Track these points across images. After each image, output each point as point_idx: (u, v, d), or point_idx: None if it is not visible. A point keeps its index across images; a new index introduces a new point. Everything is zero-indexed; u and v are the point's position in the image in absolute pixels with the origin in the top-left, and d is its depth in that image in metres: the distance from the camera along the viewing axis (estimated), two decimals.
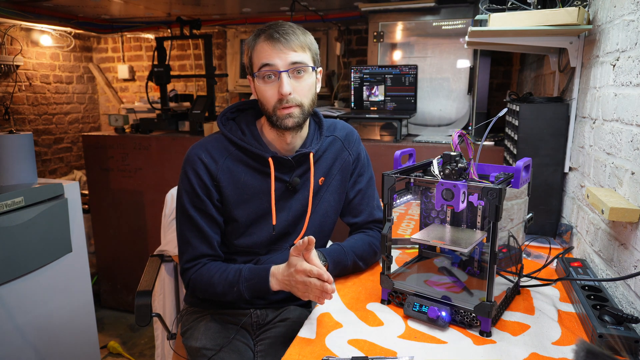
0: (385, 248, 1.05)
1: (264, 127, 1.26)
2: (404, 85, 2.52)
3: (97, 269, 3.08)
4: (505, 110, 1.06)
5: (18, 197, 1.62)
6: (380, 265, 1.11)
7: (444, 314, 0.97)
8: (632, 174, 1.01)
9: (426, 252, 1.25)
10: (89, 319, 2.00)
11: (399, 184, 1.05)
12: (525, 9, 1.40)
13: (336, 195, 1.32)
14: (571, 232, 1.45)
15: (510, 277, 1.09)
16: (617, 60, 1.13)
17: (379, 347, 0.92)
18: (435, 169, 1.00)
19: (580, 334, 0.95)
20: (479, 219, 1.08)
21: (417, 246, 1.27)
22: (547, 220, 1.53)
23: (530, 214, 1.14)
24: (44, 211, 1.71)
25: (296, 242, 1.27)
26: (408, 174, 1.05)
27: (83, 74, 4.16)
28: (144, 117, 2.95)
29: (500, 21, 1.40)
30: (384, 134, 2.44)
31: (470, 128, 2.50)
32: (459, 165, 0.98)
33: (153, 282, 1.44)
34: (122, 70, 4.16)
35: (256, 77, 1.16)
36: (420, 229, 1.20)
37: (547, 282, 1.17)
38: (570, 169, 1.50)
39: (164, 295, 1.66)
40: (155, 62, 2.85)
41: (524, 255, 1.27)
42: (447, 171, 0.97)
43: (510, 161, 1.74)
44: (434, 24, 2.57)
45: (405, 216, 1.67)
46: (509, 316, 1.03)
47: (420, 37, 2.64)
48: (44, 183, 1.78)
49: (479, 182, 0.97)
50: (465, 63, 2.54)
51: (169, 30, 3.66)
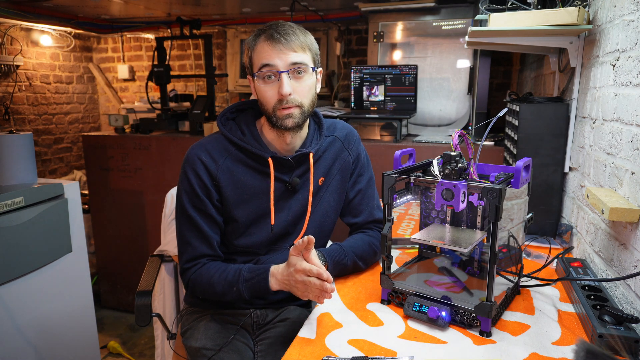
0: (385, 248, 1.05)
1: (263, 127, 1.25)
2: (404, 85, 2.52)
3: (97, 269, 3.08)
4: (505, 110, 1.06)
5: (18, 197, 1.62)
6: (380, 265, 1.11)
7: (444, 314, 0.97)
8: (632, 174, 1.01)
9: (426, 252, 1.25)
10: (89, 319, 2.00)
11: (399, 184, 1.05)
12: (525, 9, 1.40)
13: (336, 195, 1.32)
14: (571, 232, 1.45)
15: (510, 277, 1.09)
16: (617, 60, 1.13)
17: (379, 347, 0.92)
18: (435, 169, 1.00)
19: (580, 334, 0.95)
20: (479, 219, 1.08)
21: (417, 246, 1.27)
22: (547, 220, 1.53)
23: (530, 214, 1.14)
24: (44, 211, 1.71)
25: (296, 242, 1.28)
26: (408, 174, 1.05)
27: (83, 74, 4.16)
28: (144, 117, 2.95)
29: (500, 21, 1.40)
30: (384, 134, 2.44)
31: (470, 128, 2.50)
32: (459, 165, 0.98)
33: (153, 282, 1.44)
34: (122, 70, 4.16)
35: (256, 77, 1.16)
36: (420, 229, 1.20)
37: (547, 282, 1.17)
38: (570, 169, 1.50)
39: (164, 295, 1.66)
40: (155, 62, 2.85)
41: (524, 255, 1.27)
42: (447, 171, 0.97)
43: (510, 161, 1.74)
44: (434, 24, 2.57)
45: (405, 216, 1.67)
46: (509, 316, 1.03)
47: (420, 37, 2.64)
48: (44, 183, 1.78)
49: (479, 182, 0.97)
50: (465, 63, 2.54)
51: (169, 30, 3.66)
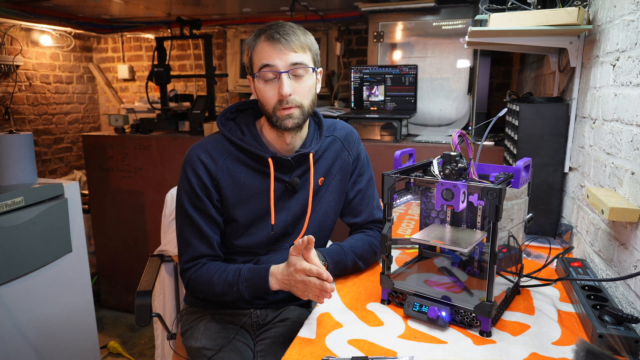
0: (385, 248, 1.05)
1: (263, 127, 1.25)
2: (404, 85, 2.52)
3: (97, 269, 3.08)
4: (505, 110, 1.06)
5: (18, 197, 1.62)
6: (380, 265, 1.11)
7: (444, 314, 0.97)
8: (632, 174, 1.01)
9: (426, 252, 1.25)
10: (89, 319, 2.00)
11: (399, 184, 1.05)
12: (525, 9, 1.40)
13: (336, 195, 1.32)
14: (571, 232, 1.45)
15: (510, 277, 1.09)
16: (617, 60, 1.13)
17: (379, 347, 0.92)
18: (435, 169, 1.00)
19: (580, 334, 0.95)
20: (479, 219, 1.08)
21: (417, 246, 1.27)
22: (547, 220, 1.53)
23: (530, 214, 1.14)
24: (44, 211, 1.71)
25: (296, 241, 1.28)
26: (408, 174, 1.05)
27: (83, 74, 4.16)
28: (144, 117, 2.95)
29: (500, 21, 1.40)
30: (384, 134, 2.44)
31: (470, 128, 2.50)
32: (459, 165, 0.98)
33: (153, 282, 1.44)
34: (122, 70, 4.16)
35: (256, 77, 1.16)
36: (420, 229, 1.20)
37: (547, 282, 1.17)
38: (570, 169, 1.50)
39: (164, 295, 1.66)
40: (155, 62, 2.85)
41: (524, 255, 1.27)
42: (447, 171, 0.97)
43: (510, 161, 1.74)
44: (434, 24, 2.57)
45: (405, 216, 1.67)
46: (509, 316, 1.03)
47: (420, 37, 2.64)
48: (44, 183, 1.78)
49: (479, 182, 0.97)
50: (465, 63, 2.54)
51: (169, 30, 3.66)
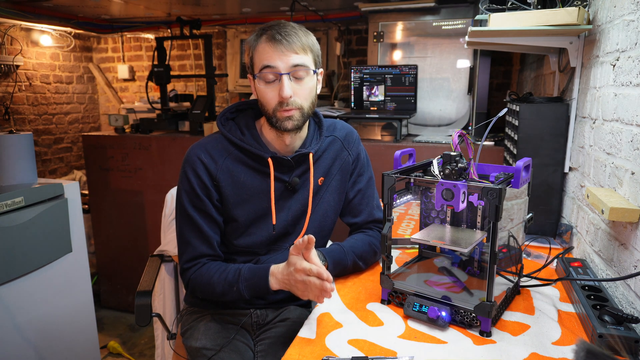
0: (385, 248, 1.05)
1: (263, 127, 1.25)
2: (404, 85, 2.52)
3: (97, 269, 3.08)
4: (505, 110, 1.06)
5: (18, 197, 1.62)
6: (380, 265, 1.11)
7: (444, 314, 0.97)
8: (632, 174, 1.01)
9: (426, 252, 1.25)
10: (89, 319, 2.00)
11: (399, 184, 1.05)
12: (525, 9, 1.40)
13: (336, 195, 1.32)
14: (571, 232, 1.45)
15: (510, 277, 1.09)
16: (617, 60, 1.13)
17: (379, 347, 0.92)
18: (435, 169, 1.00)
19: (580, 334, 0.95)
20: (479, 219, 1.08)
21: (417, 246, 1.27)
22: (547, 220, 1.53)
23: (530, 214, 1.14)
24: (44, 211, 1.71)
25: (296, 242, 1.28)
26: (408, 174, 1.05)
27: (83, 74, 4.16)
28: (144, 117, 2.95)
29: (500, 21, 1.40)
30: (384, 134, 2.44)
31: (470, 128, 2.50)
32: (459, 165, 0.98)
33: (153, 282, 1.44)
34: (122, 70, 4.16)
35: (257, 78, 1.16)
36: (420, 229, 1.20)
37: (547, 282, 1.17)
38: (570, 169, 1.50)
39: (164, 295, 1.66)
40: (155, 62, 2.85)
41: (524, 255, 1.27)
42: (447, 171, 0.97)
43: (510, 161, 1.74)
44: (434, 24, 2.57)
45: (405, 216, 1.67)
46: (509, 316, 1.03)
47: (420, 37, 2.64)
48: (44, 183, 1.78)
49: (479, 182, 0.97)
50: (465, 63, 2.54)
51: (169, 30, 3.66)
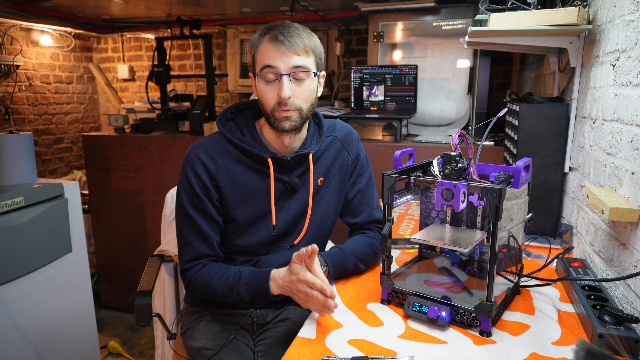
0: (385, 248, 1.05)
1: (263, 127, 1.25)
2: (404, 85, 2.52)
3: (97, 269, 3.08)
4: (505, 110, 1.06)
5: (18, 197, 1.62)
6: (381, 265, 1.11)
7: (444, 314, 0.97)
8: (632, 174, 1.01)
9: (426, 252, 1.25)
10: (89, 319, 2.00)
11: (399, 184, 1.05)
12: (525, 9, 1.40)
13: (335, 195, 1.32)
14: (571, 232, 1.45)
15: (510, 277, 1.09)
16: (617, 60, 1.13)
17: (379, 347, 0.92)
18: (435, 169, 1.00)
19: (580, 334, 0.95)
20: (479, 219, 1.08)
21: (417, 246, 1.27)
22: (547, 220, 1.53)
23: (530, 214, 1.14)
24: (44, 211, 1.71)
25: (296, 242, 1.28)
26: (408, 174, 1.05)
27: (83, 74, 4.16)
28: (144, 117, 2.95)
29: (500, 21, 1.40)
30: (384, 134, 2.44)
31: (470, 128, 2.50)
32: (459, 165, 0.98)
33: (153, 282, 1.44)
34: (122, 70, 4.16)
35: (257, 76, 1.16)
36: (420, 229, 1.20)
37: (547, 282, 1.17)
38: (570, 169, 1.50)
39: (164, 295, 1.66)
40: (155, 62, 2.85)
41: (524, 255, 1.27)
42: (447, 171, 0.97)
43: (510, 161, 1.74)
44: (434, 24, 2.57)
45: (405, 216, 1.67)
46: (509, 316, 1.03)
47: (420, 37, 2.64)
48: (44, 183, 1.78)
49: (479, 182, 0.97)
50: (465, 63, 2.54)
51: (169, 30, 3.66)
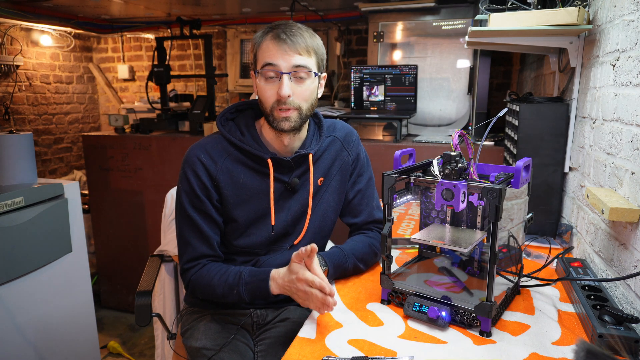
0: (385, 248, 1.05)
1: (263, 127, 1.25)
2: (404, 85, 2.52)
3: (97, 269, 3.08)
4: (505, 110, 1.06)
5: (18, 197, 1.62)
6: (380, 265, 1.11)
7: (444, 314, 0.97)
8: (632, 174, 1.01)
9: (426, 252, 1.25)
10: (89, 319, 2.00)
11: (399, 184, 1.05)
12: (525, 9, 1.40)
13: (335, 195, 1.32)
14: (571, 232, 1.45)
15: (510, 277, 1.09)
16: (617, 60, 1.13)
17: (379, 347, 0.92)
18: (435, 169, 1.00)
19: (580, 334, 0.95)
20: (479, 219, 1.08)
21: (417, 246, 1.27)
22: (547, 220, 1.53)
23: (530, 214, 1.14)
24: (44, 211, 1.71)
25: (296, 242, 1.28)
26: (408, 174, 1.05)
27: (83, 74, 4.16)
28: (144, 117, 2.95)
29: (500, 21, 1.40)
30: (384, 134, 2.44)
31: (470, 128, 2.50)
32: (459, 165, 0.98)
33: (153, 282, 1.44)
34: (122, 70, 4.16)
35: (258, 74, 1.16)
36: (420, 229, 1.20)
37: (547, 282, 1.17)
38: (570, 169, 1.50)
39: (164, 295, 1.66)
40: (155, 62, 2.85)
41: (524, 255, 1.27)
42: (447, 171, 0.97)
43: (510, 161, 1.74)
44: (434, 24, 2.57)
45: (405, 216, 1.67)
46: (509, 316, 1.03)
47: (420, 37, 2.64)
48: (44, 183, 1.78)
49: (479, 182, 0.97)
50: (465, 63, 2.54)
51: (169, 30, 3.66)
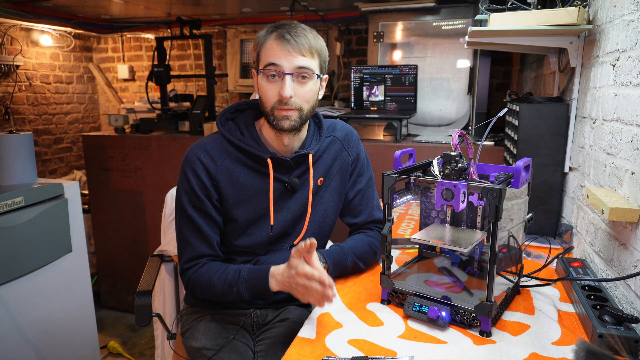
0: (385, 248, 1.05)
1: (263, 127, 1.25)
2: (404, 85, 2.52)
3: (97, 269, 3.08)
4: (505, 110, 1.07)
5: (18, 197, 1.62)
6: (380, 265, 1.11)
7: (444, 314, 0.97)
8: (632, 174, 1.01)
9: (426, 252, 1.25)
10: (89, 319, 2.00)
11: (399, 184, 1.05)
12: (525, 9, 1.40)
13: (335, 195, 1.32)
14: (571, 232, 1.45)
15: (510, 277, 1.09)
16: (617, 60, 1.13)
17: (379, 347, 0.92)
18: (435, 169, 1.00)
19: (580, 334, 0.95)
20: (479, 219, 1.08)
21: (417, 246, 1.27)
22: (547, 220, 1.53)
23: (530, 214, 1.14)
24: (44, 211, 1.71)
25: (296, 242, 1.28)
26: (408, 174, 1.05)
27: (83, 74, 4.16)
28: (144, 117, 2.95)
29: (500, 21, 1.40)
30: (385, 134, 2.44)
31: (470, 128, 2.50)
32: (459, 165, 0.98)
33: (153, 282, 1.44)
34: (122, 70, 4.16)
35: (260, 73, 1.15)
36: (420, 229, 1.20)
37: (547, 282, 1.17)
38: (570, 169, 1.50)
39: (164, 295, 1.65)
40: (155, 62, 2.85)
41: (524, 255, 1.27)
42: (447, 171, 0.97)
43: (510, 161, 1.74)
44: (434, 24, 2.57)
45: (405, 216, 1.67)
46: (509, 316, 1.03)
47: (420, 37, 2.64)
48: (44, 183, 1.78)
49: (479, 182, 0.97)
50: (465, 63, 2.54)
51: (169, 30, 3.66)
